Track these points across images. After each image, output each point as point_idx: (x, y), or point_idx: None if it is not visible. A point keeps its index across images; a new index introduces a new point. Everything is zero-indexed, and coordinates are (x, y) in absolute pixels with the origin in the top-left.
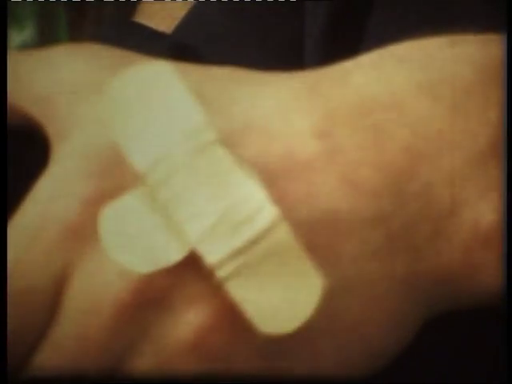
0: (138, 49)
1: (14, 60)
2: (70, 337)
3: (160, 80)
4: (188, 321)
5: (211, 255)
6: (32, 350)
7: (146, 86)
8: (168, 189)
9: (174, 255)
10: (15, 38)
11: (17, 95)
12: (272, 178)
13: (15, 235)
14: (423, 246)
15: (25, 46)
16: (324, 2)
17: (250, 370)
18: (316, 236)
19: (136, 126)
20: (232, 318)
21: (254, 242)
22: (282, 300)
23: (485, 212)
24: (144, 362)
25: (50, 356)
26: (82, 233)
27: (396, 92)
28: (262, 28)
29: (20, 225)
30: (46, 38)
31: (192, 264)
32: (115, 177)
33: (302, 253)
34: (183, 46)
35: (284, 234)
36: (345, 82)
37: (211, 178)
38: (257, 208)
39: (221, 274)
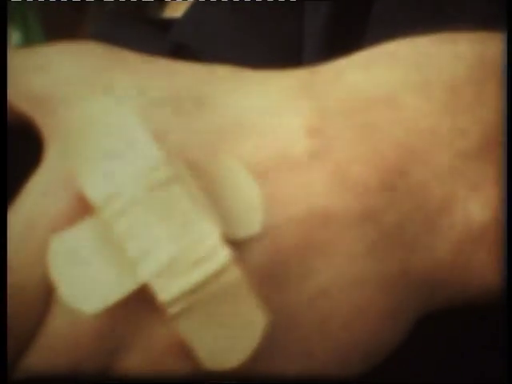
0: (137, 48)
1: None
2: (61, 335)
3: (119, 117)
4: None
5: (164, 293)
6: (24, 348)
7: (104, 121)
8: (123, 223)
9: (123, 289)
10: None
11: (11, 93)
12: (264, 176)
13: (8, 232)
14: (415, 242)
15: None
16: (323, 2)
17: (242, 370)
18: (308, 233)
19: (93, 159)
20: None
21: (205, 283)
22: (225, 338)
23: (477, 209)
24: (134, 360)
25: (42, 355)
26: None
27: (388, 90)
28: (261, 27)
29: (12, 222)
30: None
31: None
32: None
33: (250, 294)
34: (181, 45)
35: (235, 275)
36: (337, 79)
37: (167, 215)
38: (211, 249)
39: (172, 311)
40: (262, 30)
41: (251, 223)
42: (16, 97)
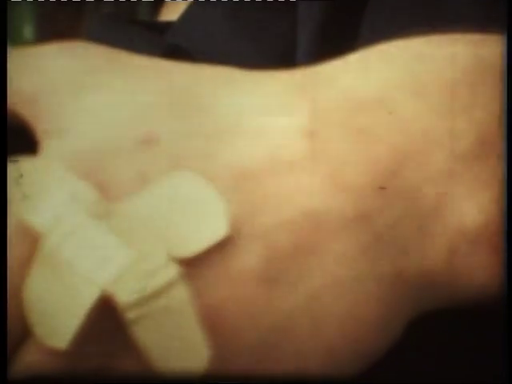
0: (133, 50)
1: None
2: None
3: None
4: None
5: (124, 296)
6: (19, 346)
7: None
8: (71, 244)
9: (87, 301)
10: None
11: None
12: (258, 177)
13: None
14: (409, 244)
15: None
16: (317, 2)
17: (238, 369)
18: (302, 235)
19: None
20: (217, 317)
21: (158, 294)
22: (176, 351)
23: (471, 212)
24: (132, 359)
25: (36, 353)
26: None
27: (383, 91)
28: (256, 28)
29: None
30: (12, 36)
31: None
32: (100, 177)
33: (193, 318)
34: (177, 46)
35: (182, 294)
36: (332, 81)
37: (113, 236)
38: (160, 263)
39: (130, 315)
40: (256, 32)
41: (216, 231)
42: (10, 98)
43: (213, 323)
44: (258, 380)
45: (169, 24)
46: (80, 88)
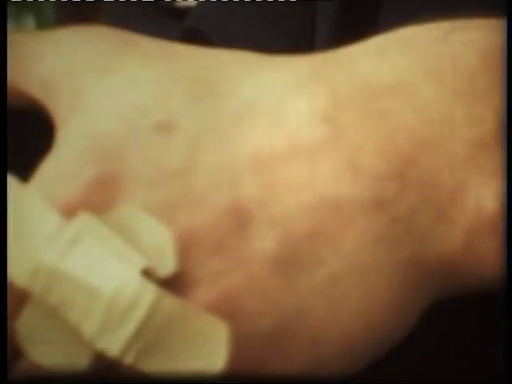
0: (151, 34)
1: (17, 42)
2: None
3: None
4: None
5: (111, 348)
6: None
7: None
8: (53, 294)
9: (82, 362)
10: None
11: (21, 77)
12: (276, 162)
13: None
14: (426, 231)
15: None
16: None
17: (251, 355)
18: (319, 221)
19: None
20: (234, 303)
21: (145, 323)
22: (194, 358)
23: (488, 199)
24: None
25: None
26: None
27: (401, 77)
28: (275, 13)
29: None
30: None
31: None
32: (116, 162)
33: (197, 311)
34: (196, 30)
35: (170, 304)
36: (350, 66)
37: (86, 270)
38: (135, 293)
39: (128, 360)
40: (275, 16)
41: (166, 265)
42: (24, 80)
43: (229, 309)
44: (265, 379)
45: (189, 8)
46: (97, 72)
